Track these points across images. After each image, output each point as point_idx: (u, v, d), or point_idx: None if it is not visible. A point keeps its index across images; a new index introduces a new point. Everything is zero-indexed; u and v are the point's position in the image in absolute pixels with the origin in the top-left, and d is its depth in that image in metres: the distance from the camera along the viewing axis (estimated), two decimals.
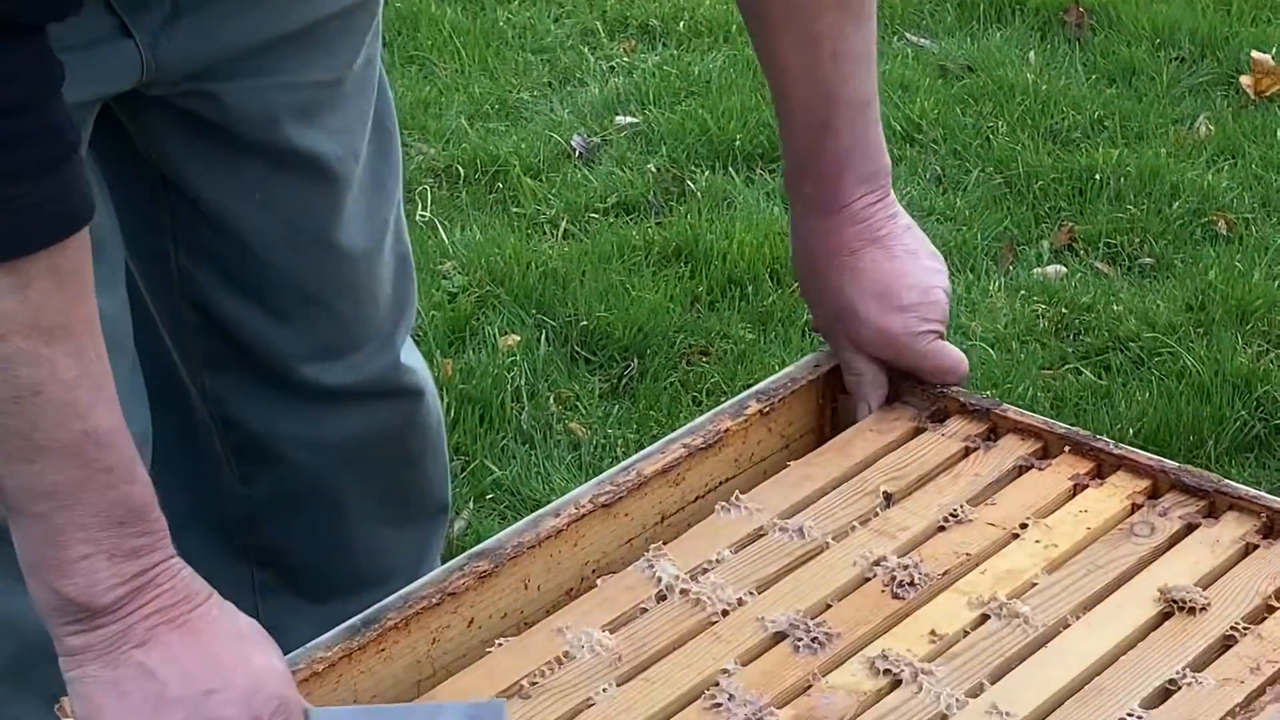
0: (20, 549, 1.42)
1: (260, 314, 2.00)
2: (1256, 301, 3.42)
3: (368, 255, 2.03)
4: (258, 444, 2.06)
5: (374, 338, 2.07)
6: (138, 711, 1.42)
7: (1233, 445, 3.12)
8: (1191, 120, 4.04)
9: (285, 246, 1.96)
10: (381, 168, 2.02)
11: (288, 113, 1.90)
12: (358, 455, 2.07)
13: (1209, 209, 3.71)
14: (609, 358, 3.33)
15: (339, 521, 2.10)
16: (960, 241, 3.63)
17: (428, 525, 2.18)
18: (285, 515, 2.10)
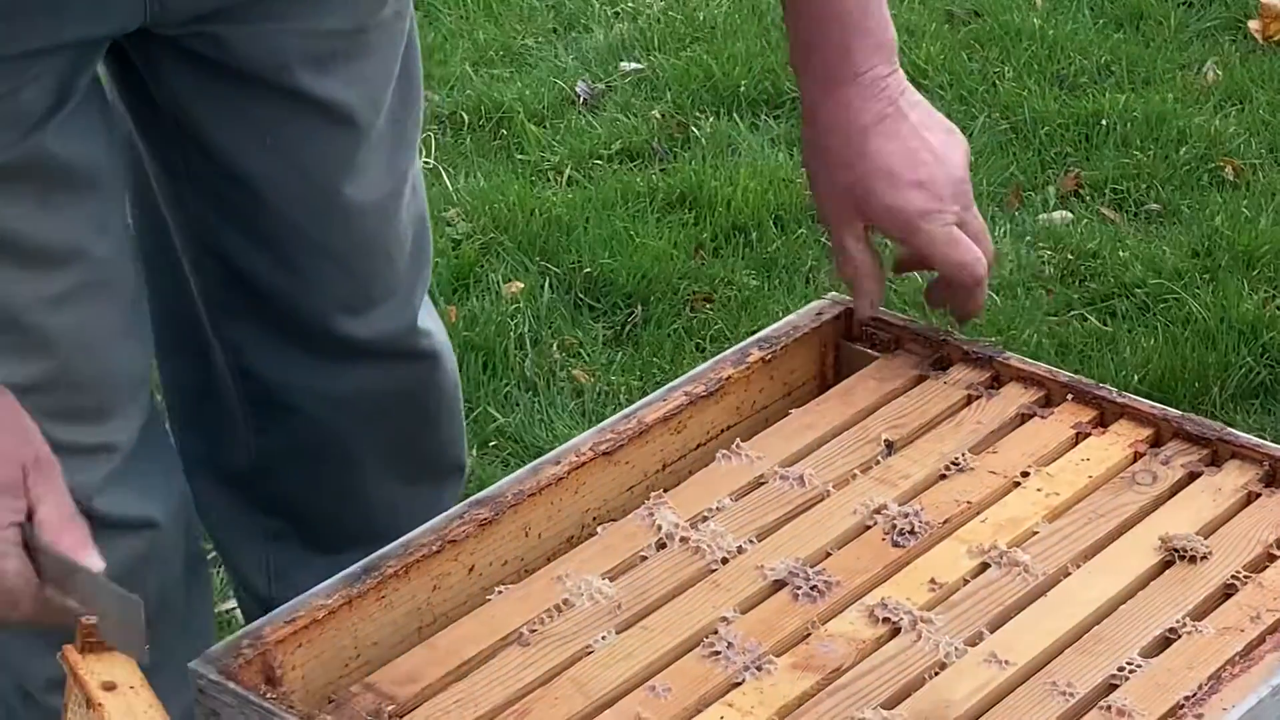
0: None
1: (273, 263, 1.99)
2: (1263, 248, 3.42)
3: (382, 209, 2.02)
4: (272, 395, 2.06)
5: (390, 296, 2.06)
6: None
7: (1238, 392, 3.12)
8: (1199, 65, 4.03)
9: (296, 195, 1.96)
10: (405, 121, 2.01)
11: (300, 59, 1.89)
12: (372, 412, 2.07)
13: (1216, 155, 3.71)
14: (612, 305, 3.33)
15: (351, 476, 2.10)
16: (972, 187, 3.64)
17: (442, 484, 2.18)
18: (298, 467, 2.10)
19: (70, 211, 1.78)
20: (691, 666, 1.61)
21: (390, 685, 1.60)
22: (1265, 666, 1.58)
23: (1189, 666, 1.59)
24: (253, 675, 1.57)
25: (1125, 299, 3.34)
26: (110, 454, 1.88)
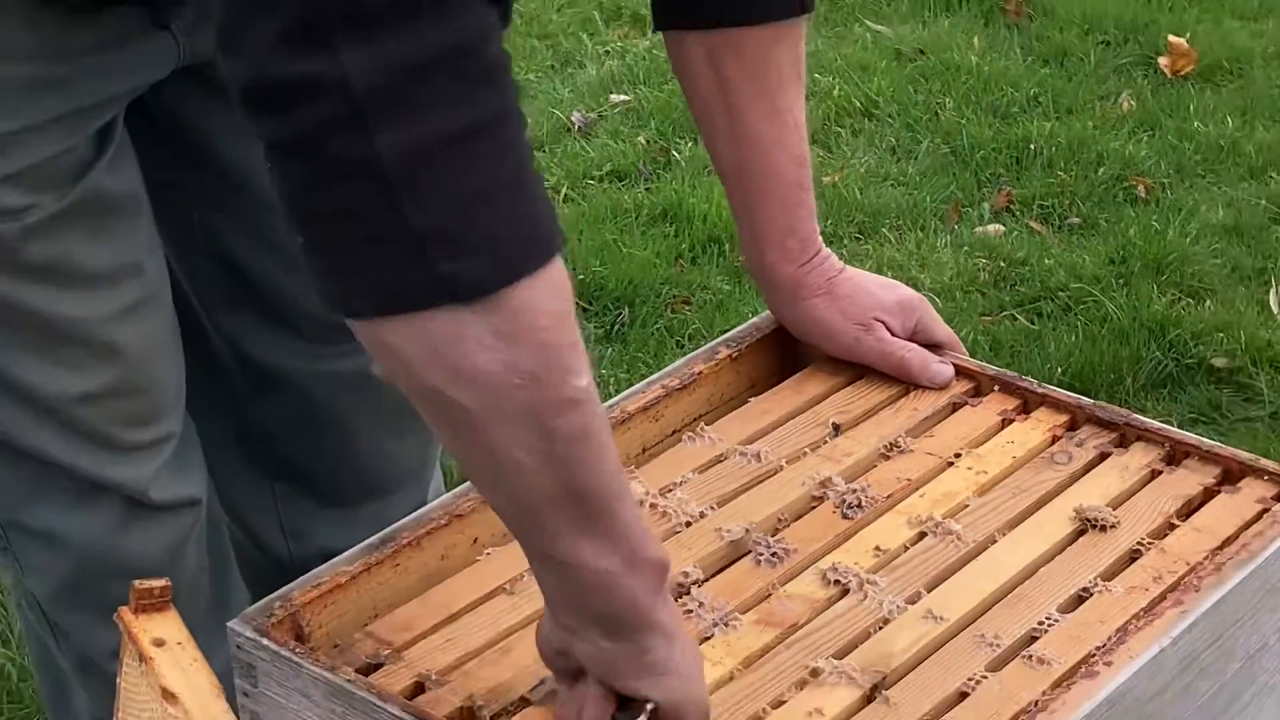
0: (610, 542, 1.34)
1: (272, 261, 1.98)
2: (1171, 256, 3.43)
3: None
4: (270, 376, 2.06)
5: None
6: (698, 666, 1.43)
7: (1148, 382, 3.13)
8: (1115, 96, 4.04)
9: None
10: None
11: None
12: (361, 384, 2.06)
13: (1130, 175, 3.72)
14: (603, 307, 3.34)
15: (346, 438, 2.10)
16: (911, 204, 3.64)
17: (427, 435, 2.17)
18: (298, 435, 2.10)
19: (124, 235, 1.80)
20: None
21: (388, 633, 1.61)
22: (1166, 620, 1.59)
23: (1100, 621, 1.60)
24: (283, 632, 1.58)
25: (1050, 301, 3.35)
26: (163, 447, 1.89)
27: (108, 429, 1.82)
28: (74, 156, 1.73)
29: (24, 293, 1.75)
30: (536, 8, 4.42)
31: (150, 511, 1.87)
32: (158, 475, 1.88)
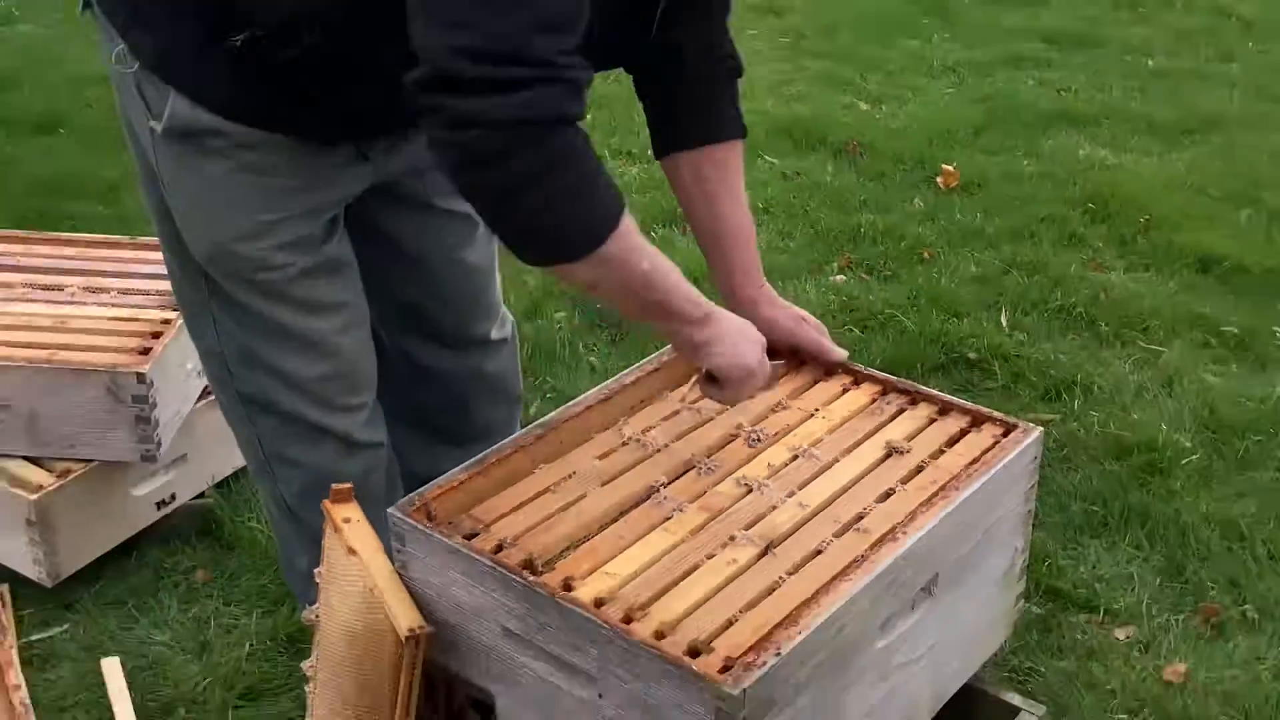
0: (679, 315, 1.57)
1: (430, 301, 1.97)
2: (943, 294, 3.42)
3: (486, 269, 2.00)
4: (422, 371, 2.04)
5: (495, 310, 2.05)
6: (743, 342, 1.62)
7: (930, 369, 3.13)
8: (912, 200, 4.03)
9: (444, 260, 1.94)
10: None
11: (441, 191, 1.88)
12: (475, 373, 2.06)
13: (920, 246, 3.71)
14: (611, 324, 3.33)
15: (464, 406, 2.09)
16: (792, 265, 3.63)
17: (513, 405, 2.17)
18: (436, 406, 2.09)
19: (343, 283, 1.80)
20: (645, 509, 1.62)
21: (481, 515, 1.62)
22: (939, 506, 1.60)
23: (901, 507, 1.62)
24: (419, 515, 1.60)
25: (873, 321, 3.34)
26: (363, 410, 1.90)
27: (332, 397, 1.84)
28: (315, 235, 1.74)
29: (287, 316, 1.76)
30: None
31: (355, 448, 1.88)
32: (360, 426, 1.89)
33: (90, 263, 2.69)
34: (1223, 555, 2.49)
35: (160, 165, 1.68)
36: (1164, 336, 3.26)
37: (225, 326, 1.77)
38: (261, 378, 1.79)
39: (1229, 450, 2.81)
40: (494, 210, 1.42)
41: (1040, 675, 2.22)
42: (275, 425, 1.84)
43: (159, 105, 1.62)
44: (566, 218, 1.41)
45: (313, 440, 1.84)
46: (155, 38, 1.60)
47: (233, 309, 1.75)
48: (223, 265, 1.71)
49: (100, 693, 2.19)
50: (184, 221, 1.71)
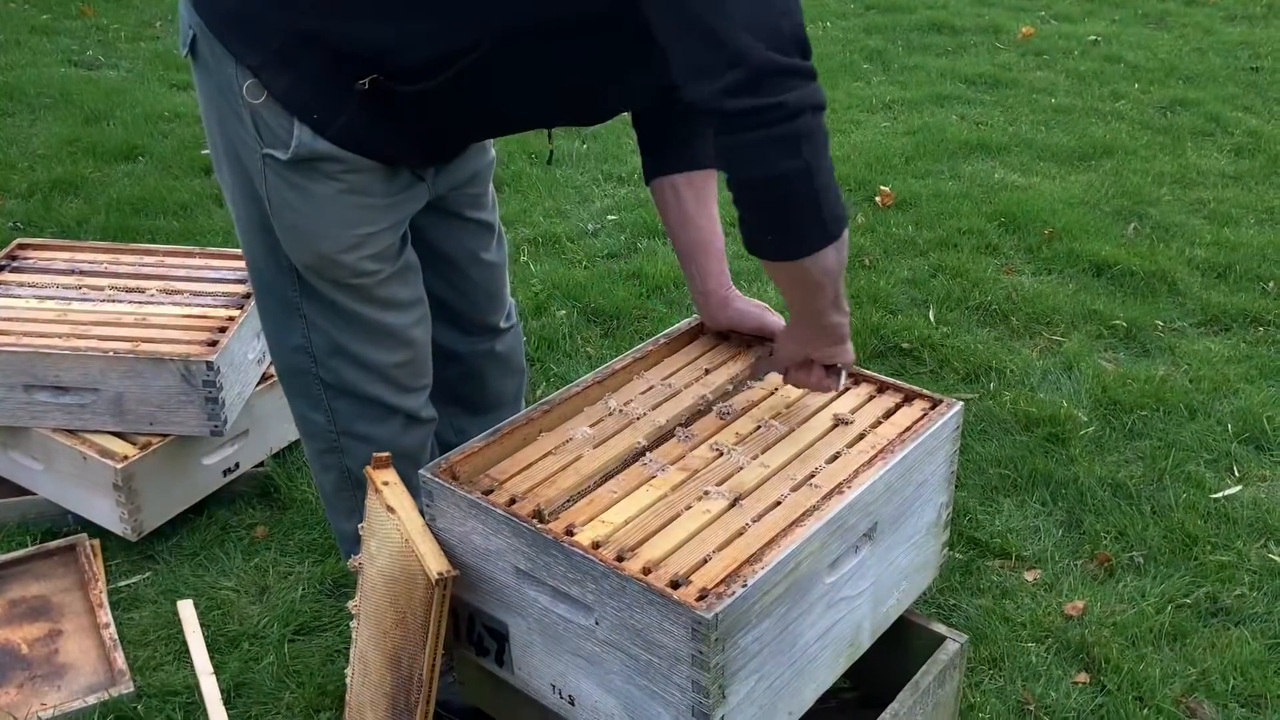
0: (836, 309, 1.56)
1: (457, 295, 1.96)
2: (881, 294, 3.43)
3: (500, 268, 2.00)
4: (448, 353, 2.01)
5: (504, 305, 2.04)
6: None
7: (871, 355, 3.13)
8: (854, 217, 4.03)
9: (469, 260, 1.93)
10: (500, 230, 1.99)
11: (470, 204, 1.88)
12: (493, 355, 2.05)
13: (862, 255, 3.72)
14: (604, 320, 3.33)
15: (484, 383, 2.08)
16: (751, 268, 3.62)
17: (520, 377, 2.14)
18: (461, 383, 2.06)
19: (415, 284, 1.79)
20: (634, 470, 1.62)
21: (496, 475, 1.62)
22: (879, 467, 1.61)
23: (846, 467, 1.61)
24: (445, 475, 1.60)
25: None
26: (426, 390, 1.88)
27: (405, 381, 1.83)
28: (395, 246, 1.73)
29: (372, 313, 1.75)
30: (570, 174, 4.40)
31: (416, 423, 1.87)
32: (422, 405, 1.88)
33: (167, 269, 2.69)
34: (1114, 510, 2.51)
35: (270, 189, 1.66)
36: (1065, 329, 3.27)
37: (316, 324, 1.76)
38: (346, 366, 1.78)
39: (1119, 423, 2.83)
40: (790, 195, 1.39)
41: (962, 610, 2.24)
42: (350, 406, 1.82)
43: (279, 135, 1.60)
44: (837, 195, 1.41)
45: (384, 418, 1.83)
46: (290, 77, 1.57)
47: (325, 309, 1.74)
48: (322, 272, 1.70)
49: (176, 629, 2.20)
50: (288, 235, 1.69)
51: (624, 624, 1.41)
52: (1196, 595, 2.26)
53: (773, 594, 1.42)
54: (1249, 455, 2.70)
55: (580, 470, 1.60)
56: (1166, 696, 2.03)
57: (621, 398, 1.78)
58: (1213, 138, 4.75)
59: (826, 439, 1.68)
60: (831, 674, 1.62)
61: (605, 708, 1.49)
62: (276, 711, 2.01)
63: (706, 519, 1.50)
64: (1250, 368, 3.05)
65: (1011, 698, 2.03)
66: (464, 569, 1.58)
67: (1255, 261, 3.62)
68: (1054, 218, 3.92)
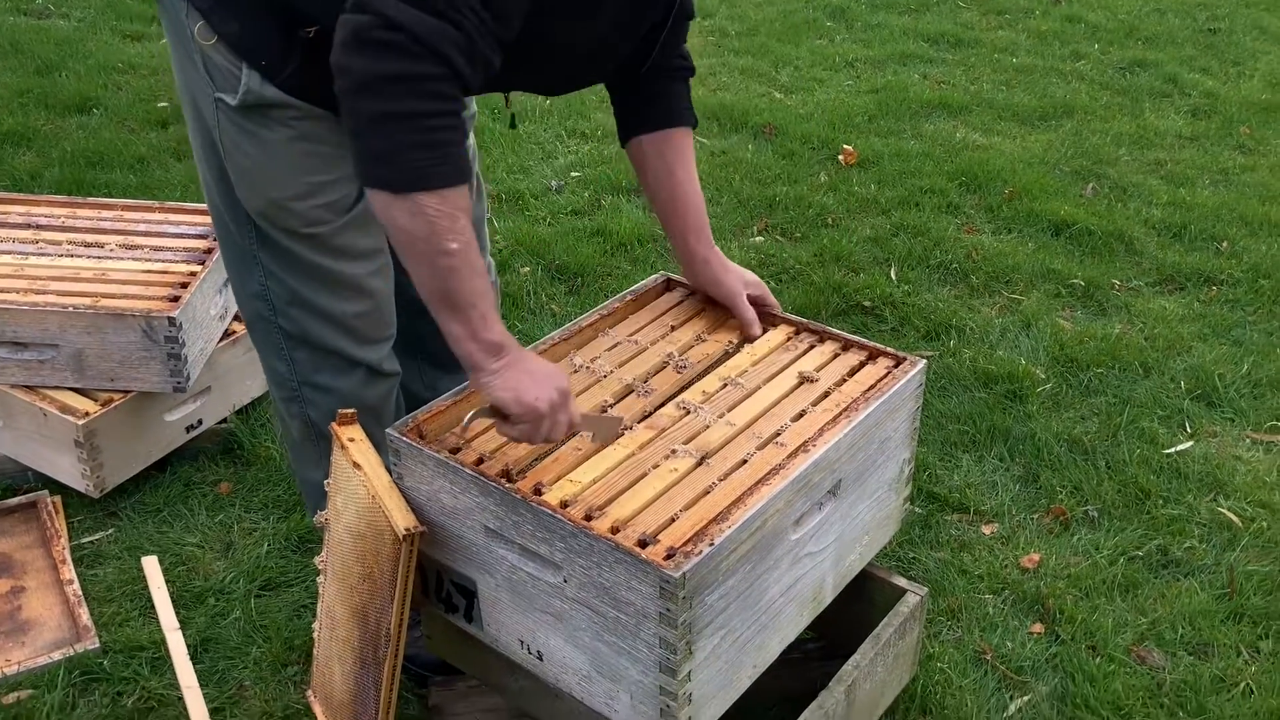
0: (464, 323, 1.42)
1: None
2: (844, 252, 3.44)
3: (479, 221, 1.96)
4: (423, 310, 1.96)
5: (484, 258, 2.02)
6: (535, 385, 1.45)
7: (833, 313, 3.15)
8: (818, 175, 4.03)
9: None
10: (481, 186, 1.96)
11: None
12: None
13: (825, 214, 3.72)
14: (569, 277, 3.31)
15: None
16: (719, 228, 3.62)
17: None
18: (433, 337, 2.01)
19: (375, 233, 1.75)
20: None
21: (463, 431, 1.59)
22: (843, 425, 1.61)
23: (811, 425, 1.62)
24: (413, 434, 1.59)
25: (786, 275, 3.35)
26: (388, 343, 1.85)
27: (365, 332, 1.80)
28: (351, 195, 1.70)
29: (328, 262, 1.73)
30: (534, 129, 4.36)
31: (379, 377, 1.85)
32: (385, 358, 1.85)
33: (126, 224, 2.64)
34: (1070, 465, 2.55)
35: (222, 132, 1.64)
36: (1023, 288, 3.30)
37: (272, 272, 1.73)
38: (304, 315, 1.75)
39: (1075, 380, 2.86)
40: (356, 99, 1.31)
41: (922, 563, 2.27)
42: (310, 356, 1.80)
43: (229, 80, 1.58)
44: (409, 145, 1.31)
45: (345, 370, 1.81)
46: (240, 24, 1.56)
47: (280, 257, 1.71)
48: (275, 220, 1.68)
49: (141, 585, 2.18)
50: (241, 181, 1.67)
51: (592, 582, 1.41)
52: (1148, 548, 2.31)
53: (739, 551, 1.42)
54: (1201, 412, 2.74)
55: None
56: (1118, 646, 2.07)
57: (587, 355, 1.77)
58: (1170, 99, 4.79)
59: (792, 397, 1.68)
60: (795, 628, 1.63)
61: (573, 663, 1.50)
62: (244, 666, 2.01)
63: (674, 478, 1.50)
64: (1204, 326, 3.10)
65: (969, 648, 2.07)
66: (432, 527, 1.58)
67: (1210, 222, 3.67)
68: (1014, 177, 3.94)
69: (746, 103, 4.64)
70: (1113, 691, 1.97)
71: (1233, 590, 2.20)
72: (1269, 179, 3.99)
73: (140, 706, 1.94)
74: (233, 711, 1.93)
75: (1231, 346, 3.00)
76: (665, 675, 1.40)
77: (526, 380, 1.45)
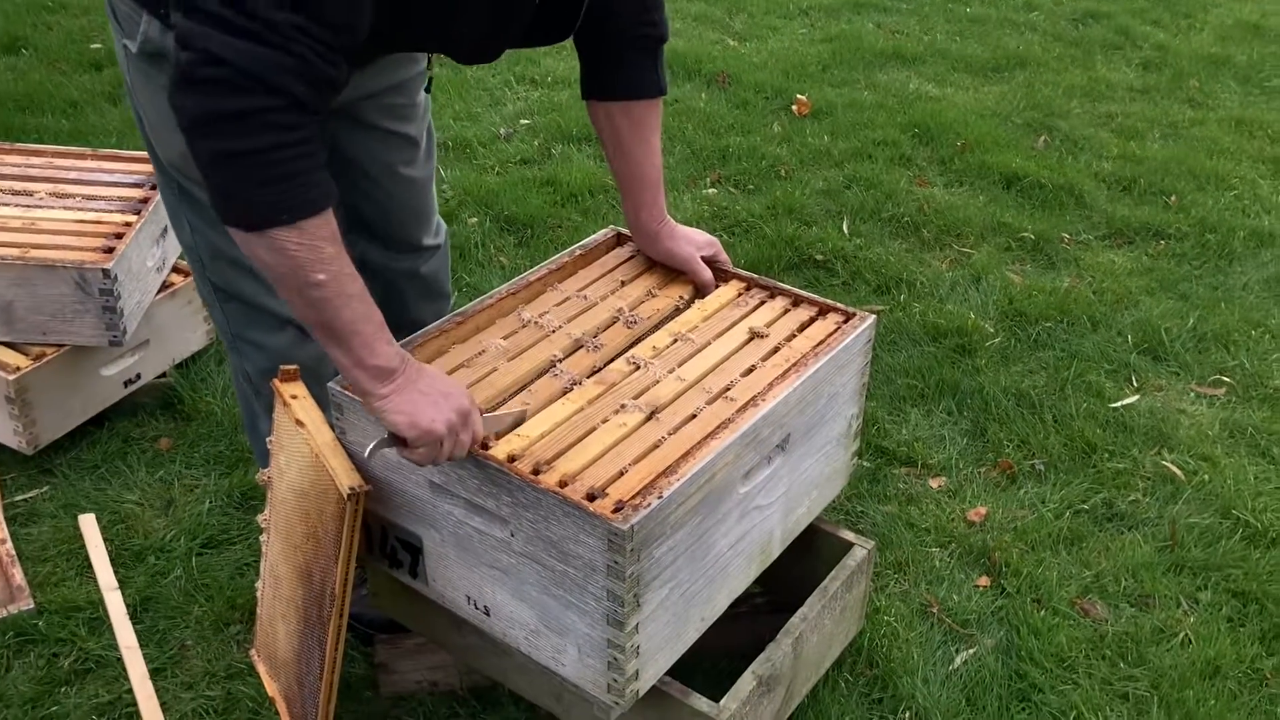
0: (348, 352, 1.37)
1: (375, 209, 1.88)
2: (797, 205, 3.43)
3: (424, 184, 1.93)
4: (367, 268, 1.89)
5: (429, 222, 1.97)
6: (432, 406, 1.39)
7: (784, 267, 3.15)
8: (771, 125, 4.02)
9: (387, 174, 1.86)
10: (432, 141, 1.92)
11: (388, 115, 1.80)
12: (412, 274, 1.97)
13: (778, 165, 3.71)
14: (518, 228, 3.28)
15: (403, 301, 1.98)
16: (672, 179, 3.60)
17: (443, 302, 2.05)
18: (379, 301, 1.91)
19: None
20: (544, 381, 1.61)
21: None
22: (792, 380, 1.62)
23: (761, 380, 1.62)
24: None
25: (738, 228, 3.35)
26: None
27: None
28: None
29: None
30: (482, 75, 4.30)
31: (311, 337, 1.82)
32: None
33: (57, 171, 2.57)
34: (1017, 419, 2.58)
35: (132, 79, 1.61)
36: (974, 241, 3.32)
37: (195, 224, 1.70)
38: (227, 269, 1.72)
39: (1024, 334, 2.89)
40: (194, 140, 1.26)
41: (869, 517, 2.30)
42: (241, 310, 1.76)
43: (132, 26, 1.55)
44: (254, 182, 1.26)
45: (275, 328, 1.78)
46: None
47: (199, 208, 1.68)
48: (185, 170, 1.64)
49: (78, 544, 2.15)
50: (152, 130, 1.64)
51: (540, 536, 1.41)
52: (1094, 501, 2.35)
53: (688, 505, 1.43)
54: (1147, 366, 2.79)
55: (495, 384, 1.58)
56: (1063, 599, 2.12)
57: (535, 309, 1.76)
58: (1122, 51, 4.82)
59: (742, 352, 1.68)
60: (743, 581, 1.65)
61: (520, 617, 1.50)
62: (185, 625, 2.00)
63: (623, 432, 1.50)
64: (1151, 280, 3.14)
65: (915, 601, 2.10)
66: (376, 483, 1.57)
67: (1159, 175, 3.71)
68: (966, 129, 3.95)
69: (700, 50, 4.61)
70: (1057, 644, 2.01)
71: (1174, 543, 2.25)
72: (1217, 133, 4.04)
73: (78, 668, 1.92)
74: (174, 672, 1.92)
75: (1178, 300, 3.05)
76: (613, 628, 1.40)
77: (422, 403, 1.39)
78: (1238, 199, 3.59)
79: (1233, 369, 2.78)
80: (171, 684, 1.89)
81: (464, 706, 1.86)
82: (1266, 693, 1.94)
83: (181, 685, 1.89)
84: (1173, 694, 1.92)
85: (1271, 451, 2.50)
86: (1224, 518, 2.31)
